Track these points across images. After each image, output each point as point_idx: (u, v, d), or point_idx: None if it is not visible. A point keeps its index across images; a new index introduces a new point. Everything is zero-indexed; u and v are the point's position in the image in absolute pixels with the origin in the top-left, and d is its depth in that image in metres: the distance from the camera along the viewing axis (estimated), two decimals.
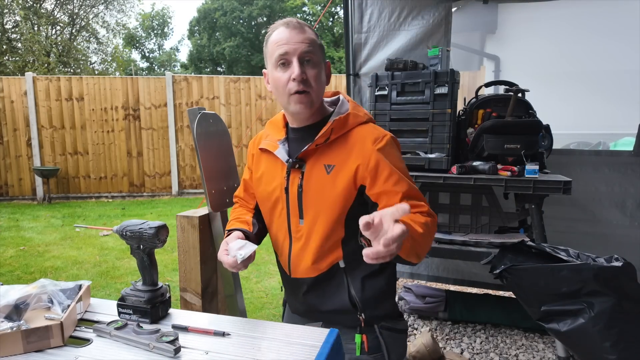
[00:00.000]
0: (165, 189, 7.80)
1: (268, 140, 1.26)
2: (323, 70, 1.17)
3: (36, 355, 0.94)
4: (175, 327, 1.05)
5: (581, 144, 4.62)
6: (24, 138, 7.37)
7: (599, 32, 4.15)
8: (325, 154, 1.16)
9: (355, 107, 1.22)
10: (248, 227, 1.27)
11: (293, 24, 1.13)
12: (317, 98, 1.15)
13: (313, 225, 1.18)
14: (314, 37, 1.15)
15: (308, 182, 1.16)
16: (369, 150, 1.12)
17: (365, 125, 1.18)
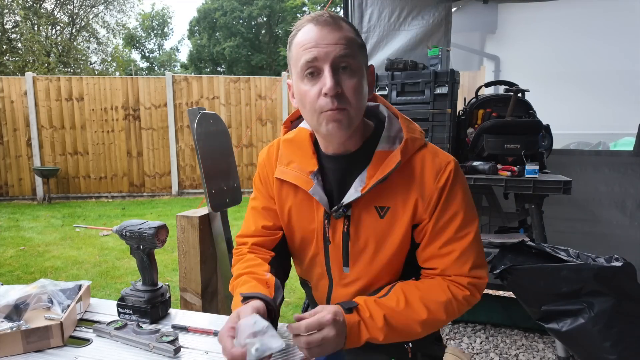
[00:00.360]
0: (165, 189, 7.80)
1: (292, 169, 0.99)
2: (365, 79, 0.90)
3: (36, 355, 0.94)
4: (175, 327, 1.05)
5: (581, 144, 4.61)
6: (24, 138, 7.36)
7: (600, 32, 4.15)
8: (377, 193, 0.93)
9: (410, 126, 0.96)
10: (268, 290, 0.93)
11: (324, 19, 0.87)
12: (357, 116, 0.89)
13: (363, 275, 1.00)
14: (353, 35, 0.89)
15: (357, 231, 0.95)
16: (430, 187, 0.92)
17: (424, 150, 0.95)
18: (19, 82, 7.30)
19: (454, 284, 0.93)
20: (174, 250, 4.17)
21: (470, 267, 0.93)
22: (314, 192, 0.95)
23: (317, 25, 0.86)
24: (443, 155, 0.95)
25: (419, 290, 0.92)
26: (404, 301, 0.90)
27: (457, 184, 0.94)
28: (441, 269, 0.95)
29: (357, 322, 0.88)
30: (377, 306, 0.89)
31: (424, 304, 0.90)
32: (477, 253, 0.95)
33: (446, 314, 0.92)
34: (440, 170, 0.92)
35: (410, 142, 0.93)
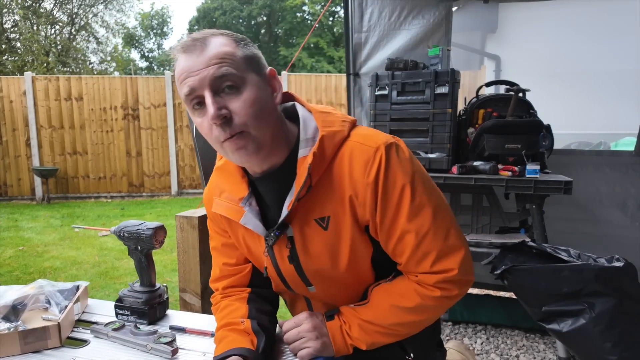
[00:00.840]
0: (164, 189, 7.79)
1: (224, 199, 0.89)
2: (263, 88, 0.80)
3: (33, 356, 0.93)
4: (173, 328, 1.04)
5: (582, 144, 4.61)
6: (23, 138, 7.35)
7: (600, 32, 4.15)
8: (311, 204, 0.83)
9: (326, 120, 0.85)
10: (249, 338, 0.87)
11: (188, 44, 0.78)
12: (262, 133, 0.79)
13: (327, 289, 0.94)
14: (228, 48, 0.78)
15: (305, 250, 0.86)
16: (361, 184, 0.81)
17: (349, 141, 0.84)
18: (18, 81, 7.28)
19: (421, 285, 0.85)
20: (174, 251, 4.16)
21: (432, 261, 0.83)
22: (246, 221, 0.85)
23: (185, 53, 0.78)
24: (371, 141, 0.82)
25: (389, 297, 0.88)
26: (374, 310, 0.88)
27: (392, 170, 0.80)
28: (403, 267, 0.87)
29: (339, 327, 0.89)
30: (352, 315, 0.89)
31: (394, 312, 0.86)
32: (440, 240, 0.83)
33: (424, 315, 0.88)
34: (368, 162, 0.80)
35: (327, 139, 0.82)
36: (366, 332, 0.88)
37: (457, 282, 0.85)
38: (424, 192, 0.83)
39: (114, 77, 7.87)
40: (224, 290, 0.99)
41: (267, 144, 0.80)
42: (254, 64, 0.81)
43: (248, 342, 0.85)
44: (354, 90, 3.03)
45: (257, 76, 0.80)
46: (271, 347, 0.91)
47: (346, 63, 3.01)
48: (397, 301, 0.87)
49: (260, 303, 0.96)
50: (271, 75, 0.84)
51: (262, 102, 0.79)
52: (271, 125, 0.81)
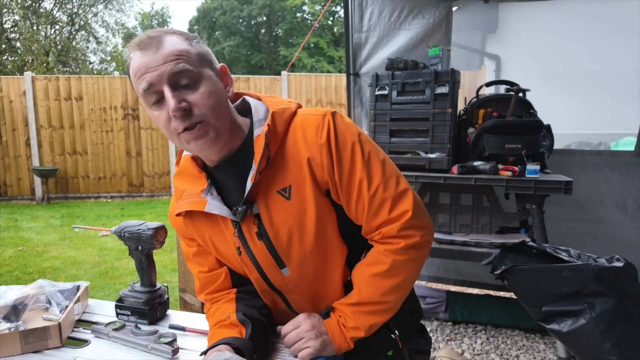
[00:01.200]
0: (164, 189, 7.79)
1: (186, 198, 0.91)
2: (216, 82, 0.86)
3: (34, 356, 0.93)
4: (173, 328, 1.04)
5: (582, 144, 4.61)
6: (22, 138, 7.35)
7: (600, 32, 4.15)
8: (272, 177, 0.87)
9: (274, 101, 0.92)
10: (237, 329, 0.89)
11: (145, 41, 0.82)
12: (220, 122, 0.84)
13: (304, 267, 0.92)
14: (183, 46, 0.83)
15: (272, 224, 0.88)
16: (315, 145, 0.86)
17: (297, 116, 0.91)
18: (17, 81, 7.28)
19: (385, 242, 0.89)
20: (173, 251, 4.16)
21: (389, 208, 0.87)
22: (210, 207, 0.88)
23: (142, 50, 0.82)
24: (318, 111, 0.90)
25: (365, 270, 0.91)
26: (359, 289, 0.91)
27: (340, 128, 0.87)
28: (365, 225, 0.90)
29: (336, 323, 0.91)
30: (344, 306, 0.92)
31: (375, 282, 0.89)
32: (392, 187, 0.88)
33: (401, 274, 0.89)
34: (319, 126, 0.86)
35: (277, 114, 0.87)
36: (360, 316, 0.90)
37: (415, 227, 0.88)
38: (371, 147, 0.90)
39: (113, 77, 7.87)
40: (210, 297, 1.01)
41: (225, 132, 0.86)
42: (207, 60, 0.86)
43: (236, 332, 0.88)
44: (354, 90, 3.03)
45: (211, 71, 0.86)
46: (262, 336, 0.92)
47: (346, 63, 3.01)
48: (373, 270, 0.90)
49: (249, 299, 0.98)
50: (223, 72, 0.90)
51: (217, 94, 0.85)
52: (227, 115, 0.87)
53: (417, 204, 0.89)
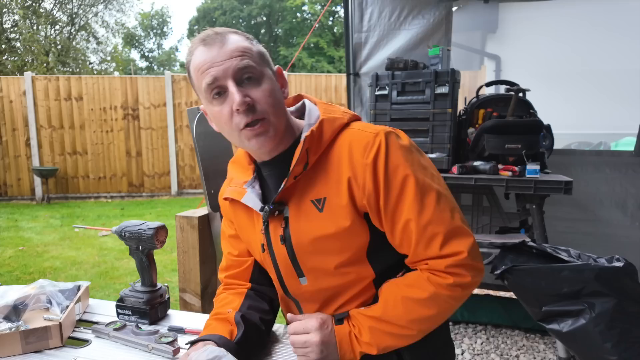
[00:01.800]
0: (164, 189, 7.79)
1: (233, 185, 0.95)
2: (275, 81, 0.87)
3: (35, 356, 0.93)
4: (172, 329, 1.04)
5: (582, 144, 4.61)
6: (22, 138, 7.35)
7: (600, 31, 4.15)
8: (309, 185, 0.86)
9: (328, 109, 0.90)
10: (230, 330, 0.90)
11: (211, 37, 0.83)
12: (278, 121, 0.85)
13: (321, 281, 0.90)
14: (246, 44, 0.85)
15: (298, 231, 0.87)
16: (360, 164, 0.82)
17: (349, 129, 0.88)
18: (17, 81, 7.28)
19: (432, 273, 0.83)
20: (173, 251, 4.16)
21: (440, 243, 0.81)
22: (247, 199, 0.90)
23: (207, 46, 0.83)
24: (372, 128, 0.85)
25: (399, 289, 0.85)
26: (385, 306, 0.85)
27: (392, 154, 0.82)
28: (412, 256, 0.85)
29: (347, 333, 0.85)
30: (363, 318, 0.86)
31: (407, 305, 0.83)
32: (446, 222, 0.82)
33: (437, 308, 0.83)
34: (368, 144, 0.82)
35: (326, 122, 0.86)
36: (377, 333, 0.84)
37: (469, 267, 0.82)
38: (426, 176, 0.84)
39: (113, 77, 7.87)
40: (227, 281, 1.03)
41: (281, 131, 0.86)
42: (266, 60, 0.88)
43: (226, 331, 0.89)
44: (354, 90, 3.03)
45: (270, 71, 0.87)
46: (251, 341, 0.91)
47: (346, 63, 3.01)
48: (409, 292, 0.84)
49: (256, 300, 0.98)
50: (279, 73, 0.91)
51: (276, 93, 0.86)
52: (284, 115, 0.87)
53: (474, 246, 0.83)
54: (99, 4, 14.43)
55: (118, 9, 15.36)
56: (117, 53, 16.68)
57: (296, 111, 0.97)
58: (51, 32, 13.54)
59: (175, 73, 7.92)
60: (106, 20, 15.02)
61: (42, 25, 12.73)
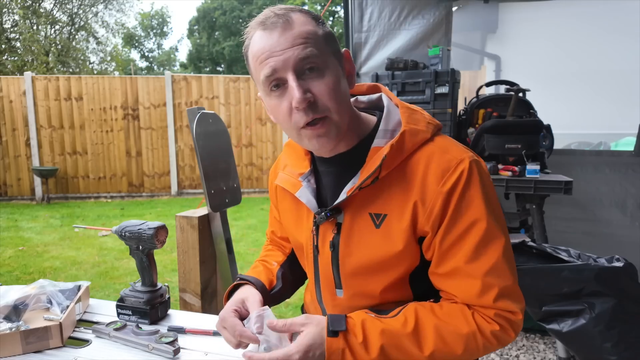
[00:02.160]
0: (164, 189, 7.79)
1: (286, 173, 0.90)
2: (340, 72, 0.77)
3: (35, 356, 0.93)
4: (172, 329, 1.04)
5: (582, 144, 4.62)
6: (22, 138, 7.35)
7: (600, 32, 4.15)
8: (372, 196, 0.79)
9: (412, 116, 0.80)
10: (270, 280, 0.95)
11: (271, 20, 0.74)
12: (342, 119, 0.76)
13: (358, 300, 0.84)
14: (311, 27, 0.74)
15: (348, 241, 0.81)
16: (433, 191, 0.75)
17: (430, 145, 0.78)
18: (17, 81, 7.28)
19: (480, 314, 0.76)
20: (173, 251, 4.16)
21: (494, 297, 0.74)
22: (301, 194, 0.84)
23: (266, 30, 0.74)
24: (456, 152, 0.77)
25: (435, 317, 0.75)
26: (412, 326, 0.74)
27: (471, 188, 0.74)
28: (461, 297, 0.77)
29: (340, 351, 0.73)
30: (376, 331, 0.74)
31: (439, 333, 0.74)
32: (505, 278, 0.74)
33: (465, 349, 0.74)
34: (448, 170, 0.74)
35: (409, 134, 0.77)
36: (386, 354, 0.73)
37: (515, 328, 0.77)
38: (499, 220, 0.77)
39: (113, 77, 7.87)
40: (272, 237, 1.10)
41: (344, 129, 0.78)
42: (333, 42, 0.78)
43: (268, 280, 0.95)
44: None
45: (335, 59, 0.77)
46: (284, 296, 0.98)
47: None
48: (447, 322, 0.75)
49: (293, 266, 1.02)
50: (347, 57, 0.81)
51: (341, 85, 0.76)
52: (348, 110, 0.79)
53: (523, 310, 0.78)
54: (99, 4, 14.43)
55: (118, 9, 15.38)
56: (117, 53, 16.68)
57: (367, 102, 0.89)
58: (51, 32, 13.54)
59: (175, 73, 7.92)
60: (106, 20, 15.03)
61: (42, 25, 12.72)
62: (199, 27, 22.64)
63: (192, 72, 21.82)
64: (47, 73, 11.17)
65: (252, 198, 7.40)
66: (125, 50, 21.73)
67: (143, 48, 24.01)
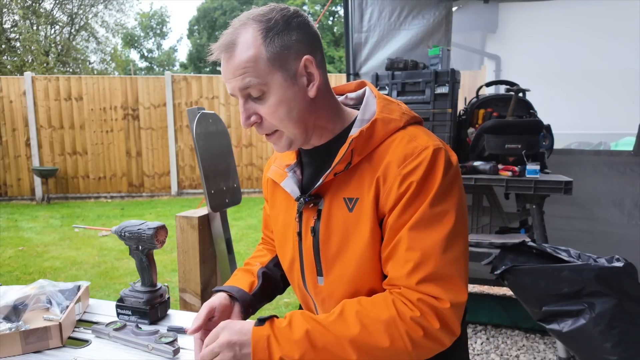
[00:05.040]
0: (164, 189, 7.79)
1: (276, 165, 0.96)
2: (287, 90, 0.79)
3: (35, 356, 0.93)
4: (171, 329, 1.04)
5: (582, 144, 4.62)
6: (22, 138, 7.35)
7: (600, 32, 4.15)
8: (345, 183, 0.83)
9: (387, 107, 0.85)
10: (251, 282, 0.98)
11: (223, 45, 0.79)
12: (294, 130, 0.82)
13: (337, 286, 0.86)
14: (251, 53, 0.76)
15: (327, 226, 0.85)
16: (393, 172, 0.78)
17: (400, 132, 0.82)
18: (17, 81, 7.28)
19: (400, 298, 0.76)
20: (173, 251, 4.16)
21: (420, 278, 0.74)
22: (286, 184, 0.90)
23: (221, 55, 0.80)
24: (423, 140, 0.79)
25: (358, 304, 0.78)
26: (337, 314, 0.77)
27: (432, 175, 0.76)
28: (390, 276, 0.79)
29: (265, 337, 0.76)
30: (302, 318, 0.77)
31: (359, 319, 0.74)
32: (439, 264, 0.74)
33: (389, 338, 0.73)
34: (411, 156, 0.77)
35: (380, 122, 0.81)
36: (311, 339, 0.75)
37: (442, 318, 0.74)
38: (451, 208, 0.77)
39: (113, 77, 7.87)
40: (265, 238, 1.14)
41: (299, 138, 0.84)
42: (281, 61, 0.78)
43: (247, 284, 0.98)
44: None
45: (282, 76, 0.79)
46: (268, 295, 1.01)
47: (346, 63, 3.01)
48: (367, 308, 0.76)
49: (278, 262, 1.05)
50: (303, 68, 0.80)
51: (288, 104, 0.80)
52: (302, 120, 0.82)
53: (460, 306, 0.76)
54: (99, 4, 14.43)
55: (118, 9, 15.38)
56: (116, 53, 16.68)
57: (355, 98, 0.93)
58: (51, 32, 13.54)
59: (175, 73, 7.92)
60: (106, 21, 15.03)
61: (42, 25, 12.72)
62: (199, 27, 22.64)
63: (192, 72, 21.82)
64: (47, 73, 11.17)
65: (252, 198, 7.40)
66: (125, 50, 21.73)
67: (142, 48, 24.01)
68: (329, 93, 0.87)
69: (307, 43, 0.81)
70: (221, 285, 0.97)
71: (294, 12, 0.80)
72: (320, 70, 0.82)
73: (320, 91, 0.83)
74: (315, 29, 0.84)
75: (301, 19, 0.80)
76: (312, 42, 0.81)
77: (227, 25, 0.81)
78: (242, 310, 0.93)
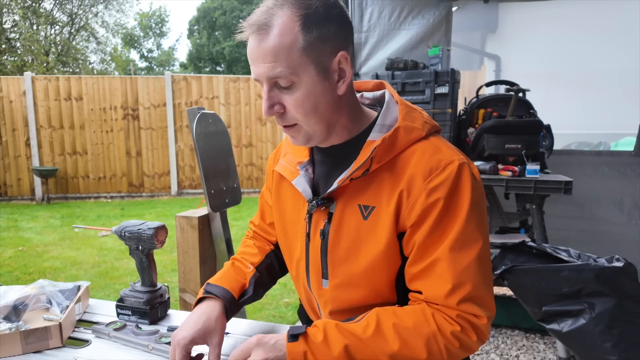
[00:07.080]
0: (164, 189, 7.79)
1: (286, 160, 0.92)
2: (317, 85, 0.75)
3: (35, 356, 0.93)
4: (171, 330, 1.04)
5: (582, 144, 4.62)
6: (22, 138, 7.35)
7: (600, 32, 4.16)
8: (362, 189, 0.81)
9: (409, 114, 0.82)
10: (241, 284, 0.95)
11: (253, 27, 0.74)
12: (314, 127, 0.79)
13: (342, 292, 0.85)
14: (287, 39, 0.72)
15: (337, 231, 0.83)
16: (418, 186, 0.76)
17: (424, 142, 0.80)
18: (17, 81, 7.28)
19: (440, 313, 0.76)
20: (173, 251, 4.16)
21: (460, 299, 0.74)
22: (297, 182, 0.87)
23: (252, 35, 0.74)
24: (448, 153, 0.78)
25: (395, 316, 0.75)
26: (373, 327, 0.74)
27: (457, 191, 0.75)
28: (426, 295, 0.78)
29: (301, 353, 0.72)
30: (338, 332, 0.74)
31: (398, 333, 0.73)
32: (475, 283, 0.74)
33: (427, 351, 0.73)
34: (436, 169, 0.76)
35: (403, 131, 0.79)
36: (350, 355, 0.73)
37: (478, 332, 0.76)
38: (481, 225, 0.77)
39: (113, 77, 7.87)
40: (255, 233, 1.10)
41: (317, 135, 0.81)
42: (316, 53, 0.74)
43: (238, 286, 0.94)
44: None
45: (315, 69, 0.75)
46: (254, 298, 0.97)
47: None
48: (405, 321, 0.75)
49: (272, 264, 1.03)
50: (337, 64, 0.77)
51: (315, 98, 0.76)
52: (325, 118, 0.79)
53: (490, 319, 0.77)
54: (98, 4, 14.44)
55: (118, 9, 15.39)
56: (116, 53, 16.68)
57: (372, 99, 0.91)
58: (51, 32, 13.54)
59: (175, 73, 7.92)
60: (106, 21, 15.04)
61: (42, 25, 12.73)
62: (199, 27, 22.63)
63: (192, 72, 21.82)
64: (47, 73, 11.18)
65: (252, 198, 7.40)
66: (125, 50, 21.73)
67: (142, 48, 24.01)
68: (353, 91, 0.85)
69: (344, 37, 0.77)
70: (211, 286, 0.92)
71: (334, 1, 0.76)
72: (352, 68, 0.80)
73: (348, 89, 0.81)
74: (351, 23, 0.81)
75: (340, 10, 0.77)
76: (348, 37, 0.78)
77: (227, 25, 0.80)
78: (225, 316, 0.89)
